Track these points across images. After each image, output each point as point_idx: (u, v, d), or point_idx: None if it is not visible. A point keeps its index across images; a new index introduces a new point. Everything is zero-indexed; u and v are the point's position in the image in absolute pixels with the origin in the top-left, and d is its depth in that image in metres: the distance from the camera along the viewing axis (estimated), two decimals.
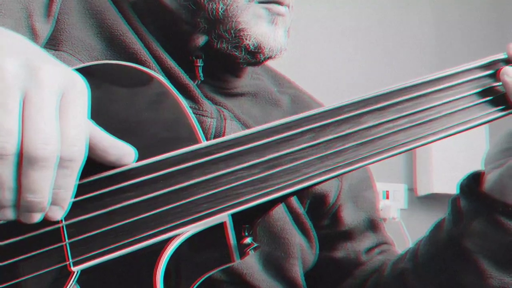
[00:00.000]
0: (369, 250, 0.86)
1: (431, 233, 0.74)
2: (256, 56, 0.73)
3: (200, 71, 0.75)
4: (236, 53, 0.73)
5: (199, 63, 0.75)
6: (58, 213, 0.46)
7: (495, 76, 0.59)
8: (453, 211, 0.69)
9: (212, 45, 0.73)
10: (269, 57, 0.74)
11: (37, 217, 0.45)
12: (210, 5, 0.72)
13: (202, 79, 0.75)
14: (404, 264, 0.76)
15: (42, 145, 0.41)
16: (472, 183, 0.68)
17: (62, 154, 0.43)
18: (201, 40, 0.74)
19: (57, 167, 0.43)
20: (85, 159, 0.45)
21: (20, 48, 0.45)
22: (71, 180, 0.45)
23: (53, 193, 0.44)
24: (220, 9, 0.71)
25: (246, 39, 0.72)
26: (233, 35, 0.72)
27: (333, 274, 0.85)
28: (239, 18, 0.71)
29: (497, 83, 0.58)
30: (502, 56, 0.60)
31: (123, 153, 0.50)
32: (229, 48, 0.73)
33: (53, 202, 0.45)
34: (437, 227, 0.73)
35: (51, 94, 0.42)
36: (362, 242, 0.86)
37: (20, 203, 0.43)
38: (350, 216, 0.85)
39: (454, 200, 0.70)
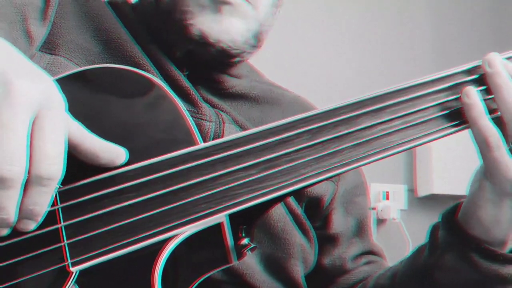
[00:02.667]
0: (356, 257, 0.86)
1: (412, 256, 0.72)
2: (207, 50, 0.71)
3: (185, 79, 0.74)
4: (189, 47, 0.72)
5: (185, 71, 0.75)
6: (30, 226, 0.46)
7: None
8: (430, 239, 0.68)
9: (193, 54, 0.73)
10: (228, 50, 0.72)
11: (3, 232, 0.45)
12: None
13: (191, 87, 0.74)
14: (384, 281, 0.76)
15: (8, 166, 0.41)
16: (452, 214, 0.65)
17: (40, 173, 0.43)
18: (180, 51, 0.74)
19: (35, 185, 0.43)
20: (63, 175, 0.45)
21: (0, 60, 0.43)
22: (48, 197, 0.45)
23: (28, 209, 0.44)
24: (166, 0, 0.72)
25: (191, 31, 0.70)
26: (179, 26, 0.70)
27: (318, 279, 0.84)
28: (183, 7, 0.70)
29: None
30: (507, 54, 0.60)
31: (114, 155, 0.50)
32: (182, 44, 0.72)
33: (27, 217, 0.45)
34: (418, 251, 0.71)
35: (23, 113, 0.41)
36: (349, 248, 0.85)
37: None
38: (339, 221, 0.84)
39: (433, 228, 0.68)
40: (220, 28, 0.70)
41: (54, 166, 0.43)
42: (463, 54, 2.57)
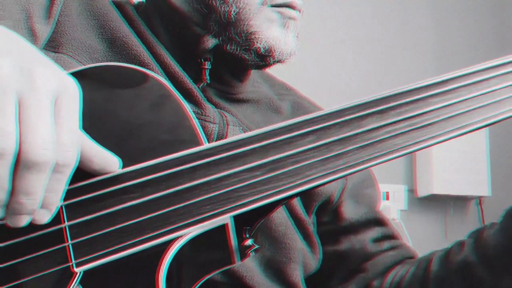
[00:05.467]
0: (377, 240, 0.86)
1: (505, 225, 0.69)
2: (265, 59, 0.73)
3: (207, 73, 0.75)
4: (245, 55, 0.73)
5: (207, 65, 0.75)
6: (45, 217, 0.46)
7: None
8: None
9: (222, 47, 0.73)
10: (279, 61, 0.74)
11: (24, 220, 0.44)
12: (223, 8, 0.72)
13: (209, 81, 0.75)
14: (465, 257, 0.73)
15: (41, 150, 0.41)
16: None
17: (57, 160, 0.43)
18: (211, 42, 0.74)
19: (52, 172, 0.43)
20: (77, 164, 0.46)
21: (15, 49, 0.44)
22: (62, 185, 0.45)
23: (45, 196, 0.44)
24: (232, 12, 0.71)
25: (257, 42, 0.72)
26: (244, 38, 0.72)
27: (342, 268, 0.84)
28: (251, 21, 0.71)
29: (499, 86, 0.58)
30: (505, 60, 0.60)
31: (107, 163, 0.50)
32: (239, 50, 0.73)
33: (42, 206, 0.45)
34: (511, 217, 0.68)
35: (47, 98, 0.42)
36: (366, 233, 0.85)
37: (11, 204, 0.43)
38: (350, 211, 0.85)
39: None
40: (285, 42, 0.72)
41: (69, 153, 0.44)
42: (464, 55, 2.57)
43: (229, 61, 0.75)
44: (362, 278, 0.83)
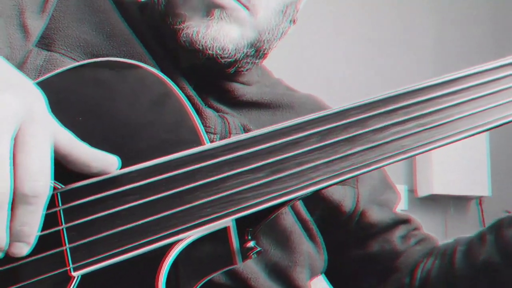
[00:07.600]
0: (404, 237, 0.84)
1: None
2: (197, 57, 0.67)
3: (191, 89, 0.70)
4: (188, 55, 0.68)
5: (189, 88, 0.70)
6: (23, 250, 0.44)
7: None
8: None
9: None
10: (217, 59, 0.67)
11: None
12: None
13: (196, 97, 0.71)
14: (488, 257, 0.71)
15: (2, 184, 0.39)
16: None
17: (24, 191, 0.41)
18: (183, 61, 0.70)
19: (21, 204, 0.41)
20: (51, 191, 0.44)
21: None
22: (37, 216, 0.43)
23: (18, 230, 0.42)
24: (162, 1, 0.69)
25: (180, 36, 0.66)
26: (173, 31, 0.67)
27: (374, 271, 0.82)
28: (177, 10, 0.67)
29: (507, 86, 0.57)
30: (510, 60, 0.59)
31: (106, 164, 0.48)
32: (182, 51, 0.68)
33: (18, 239, 0.43)
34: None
35: (4, 128, 0.39)
36: (394, 233, 0.83)
37: None
38: (377, 216, 0.82)
39: None
40: (208, 33, 0.65)
41: (39, 183, 0.41)
42: (464, 56, 2.57)
43: (206, 71, 0.70)
44: (396, 278, 0.81)
